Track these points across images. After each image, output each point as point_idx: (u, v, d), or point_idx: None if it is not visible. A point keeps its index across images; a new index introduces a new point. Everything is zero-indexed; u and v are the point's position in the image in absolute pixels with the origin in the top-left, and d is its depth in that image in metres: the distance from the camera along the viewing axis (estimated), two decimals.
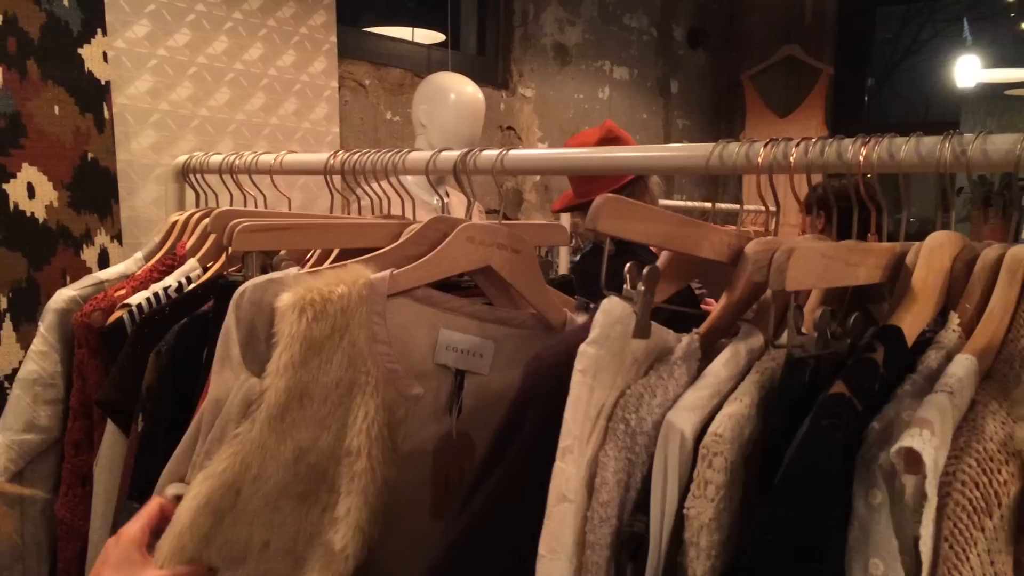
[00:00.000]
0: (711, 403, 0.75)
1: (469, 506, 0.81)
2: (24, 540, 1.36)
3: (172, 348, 1.14)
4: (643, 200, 2.11)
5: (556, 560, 0.74)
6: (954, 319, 0.76)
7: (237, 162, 1.46)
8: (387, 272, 0.97)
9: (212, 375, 0.92)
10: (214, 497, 0.88)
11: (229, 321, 0.91)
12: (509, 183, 3.71)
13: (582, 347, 0.77)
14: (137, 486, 1.18)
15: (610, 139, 2.18)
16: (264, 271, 1.05)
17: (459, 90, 2.63)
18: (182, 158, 1.58)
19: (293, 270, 0.97)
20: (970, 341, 0.73)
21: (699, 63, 4.86)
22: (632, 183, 2.12)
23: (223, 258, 1.30)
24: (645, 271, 0.80)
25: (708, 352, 0.83)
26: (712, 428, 0.71)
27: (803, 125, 4.68)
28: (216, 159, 1.50)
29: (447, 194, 2.39)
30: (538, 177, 3.84)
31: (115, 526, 1.22)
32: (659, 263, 0.92)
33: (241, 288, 0.92)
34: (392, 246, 1.05)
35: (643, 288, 0.79)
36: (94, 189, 2.08)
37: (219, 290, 1.08)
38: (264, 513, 0.91)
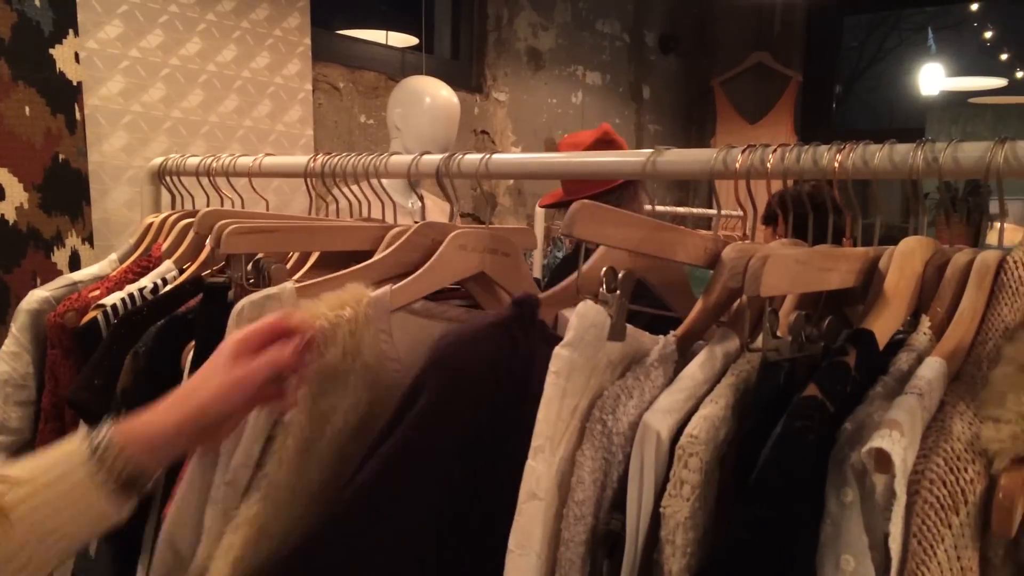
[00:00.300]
0: (687, 405, 0.77)
1: (366, 466, 0.82)
2: None
3: (150, 350, 1.13)
4: (632, 204, 2.12)
5: (525, 556, 0.75)
6: (925, 322, 0.78)
7: (215, 164, 1.45)
8: (387, 289, 0.97)
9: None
10: (249, 545, 0.86)
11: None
12: (484, 187, 3.71)
13: (556, 349, 0.78)
14: None
15: (605, 141, 2.18)
16: (248, 273, 1.05)
17: (434, 94, 2.64)
18: (158, 160, 1.57)
19: (289, 284, 0.97)
20: (940, 344, 0.76)
21: (671, 69, 4.90)
22: (622, 187, 2.13)
23: (200, 259, 1.29)
24: (620, 275, 0.81)
25: (684, 355, 0.85)
26: (688, 429, 0.73)
27: (772, 131, 4.73)
28: (193, 161, 1.49)
29: (421, 197, 2.39)
30: (511, 181, 3.85)
31: None
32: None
33: (239, 306, 0.92)
34: (385, 254, 1.06)
35: (618, 292, 0.81)
36: (65, 191, 2.06)
37: (208, 291, 1.08)
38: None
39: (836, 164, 0.87)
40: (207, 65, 2.53)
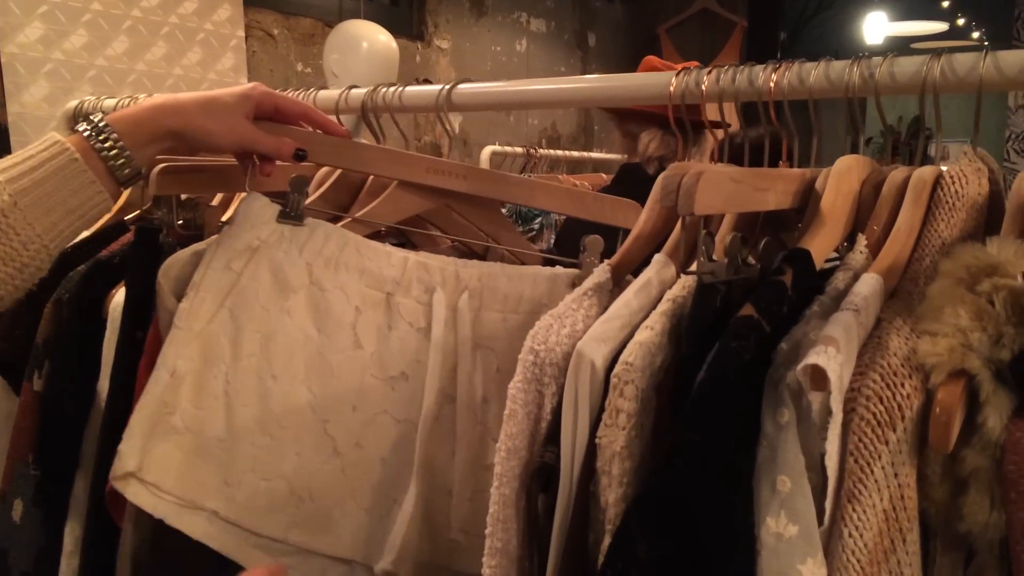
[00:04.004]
0: (622, 334, 0.74)
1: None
2: None
3: (73, 297, 1.08)
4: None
5: None
6: (861, 240, 0.77)
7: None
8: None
9: (166, 347, 0.86)
10: None
11: (165, 301, 0.87)
12: (427, 137, 3.65)
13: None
14: (41, 452, 1.11)
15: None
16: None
17: (372, 39, 2.56)
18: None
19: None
20: (876, 261, 0.74)
21: (616, 16, 4.84)
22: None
23: (121, 201, 1.23)
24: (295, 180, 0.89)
25: (619, 284, 0.82)
26: (623, 357, 0.70)
27: None
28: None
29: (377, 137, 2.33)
30: (456, 130, 3.79)
31: (7, 495, 1.14)
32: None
33: (166, 265, 0.88)
34: (319, 192, 1.03)
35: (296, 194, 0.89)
36: None
37: (138, 235, 1.05)
38: None
39: (772, 84, 0.85)
40: (131, 10, 2.43)
